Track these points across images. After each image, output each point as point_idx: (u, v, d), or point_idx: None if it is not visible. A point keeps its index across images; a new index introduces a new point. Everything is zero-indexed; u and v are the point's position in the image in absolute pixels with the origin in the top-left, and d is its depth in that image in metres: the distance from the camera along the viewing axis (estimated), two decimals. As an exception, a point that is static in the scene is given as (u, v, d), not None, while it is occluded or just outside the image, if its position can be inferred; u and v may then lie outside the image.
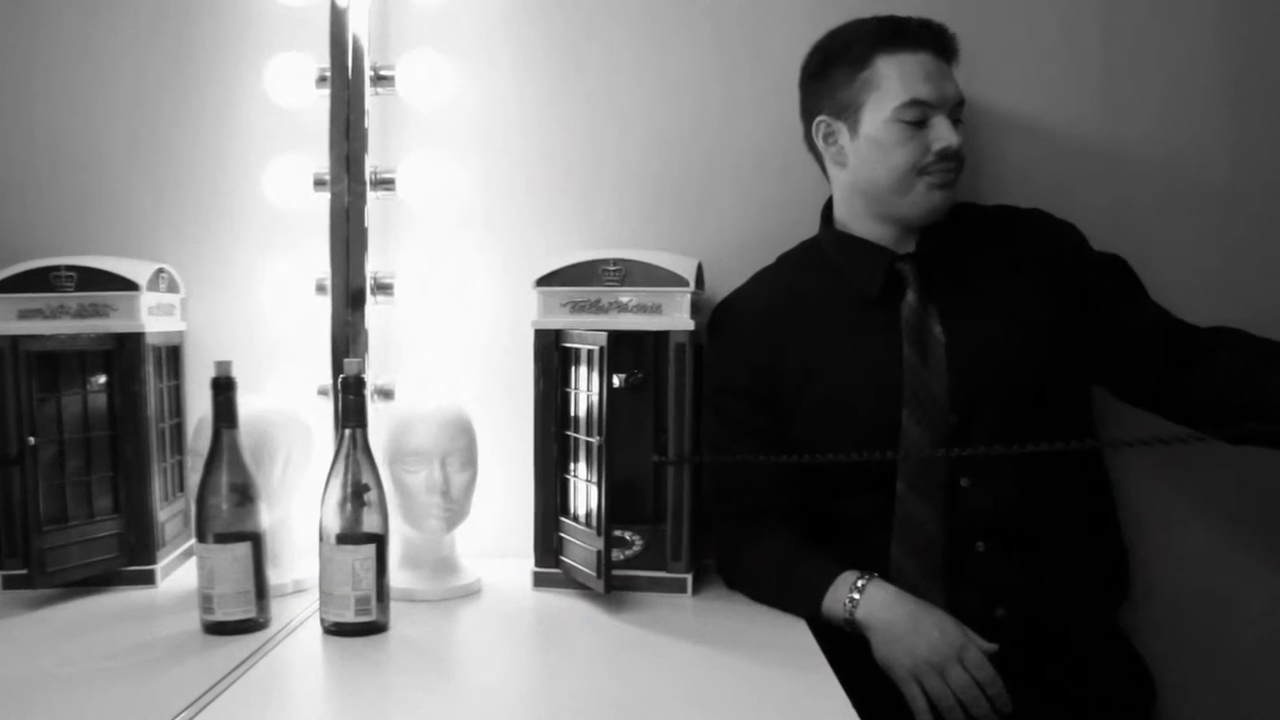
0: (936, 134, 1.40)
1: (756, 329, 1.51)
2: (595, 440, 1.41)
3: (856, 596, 1.33)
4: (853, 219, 1.50)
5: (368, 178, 1.61)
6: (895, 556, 1.40)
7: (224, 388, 1.32)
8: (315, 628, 1.35)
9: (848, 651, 1.28)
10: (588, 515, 1.44)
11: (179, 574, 1.54)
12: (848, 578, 1.35)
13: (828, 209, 1.55)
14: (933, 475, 1.39)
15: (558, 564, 1.50)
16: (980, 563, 1.38)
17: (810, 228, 1.57)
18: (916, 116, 1.40)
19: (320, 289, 1.61)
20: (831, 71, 1.45)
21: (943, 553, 1.39)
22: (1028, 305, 1.43)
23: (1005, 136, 1.63)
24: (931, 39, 1.42)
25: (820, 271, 1.52)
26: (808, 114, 1.50)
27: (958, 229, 1.48)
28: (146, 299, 1.50)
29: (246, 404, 1.36)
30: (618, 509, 1.42)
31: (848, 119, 1.45)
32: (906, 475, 1.40)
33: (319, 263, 1.61)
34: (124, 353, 1.49)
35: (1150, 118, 1.62)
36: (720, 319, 1.56)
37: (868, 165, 1.44)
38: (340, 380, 1.36)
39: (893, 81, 1.40)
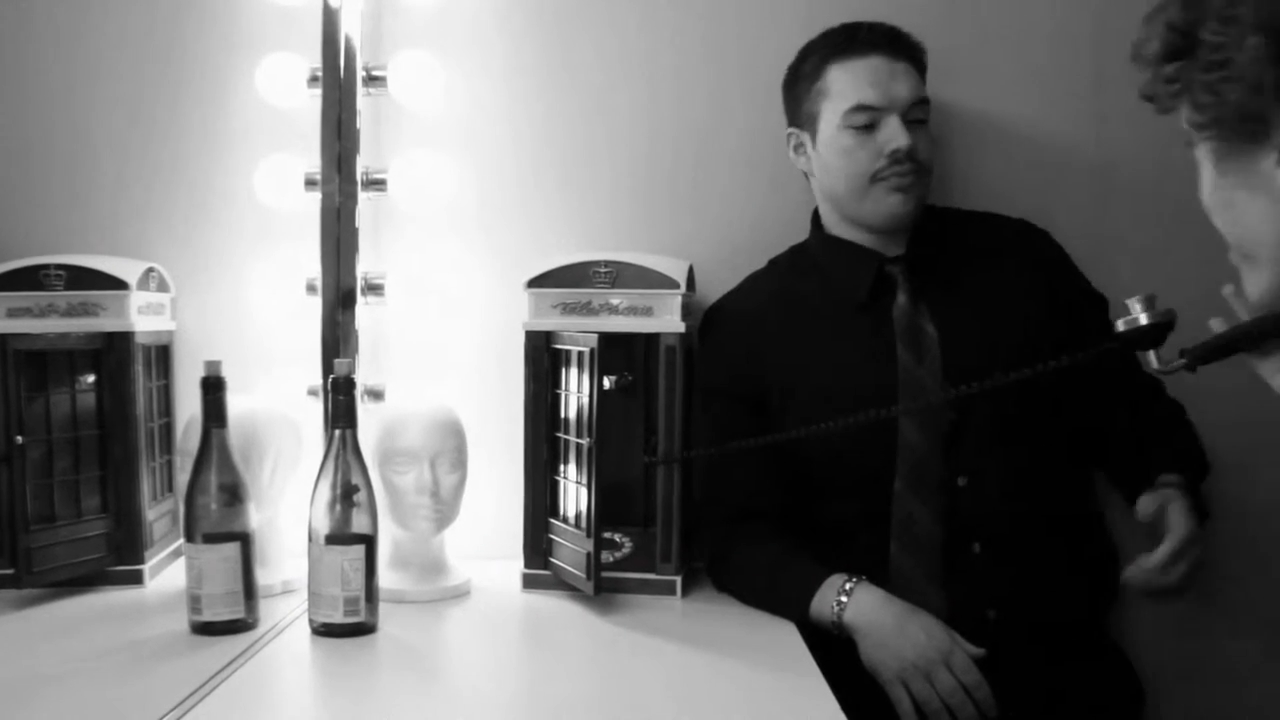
0: (887, 136, 1.41)
1: (746, 332, 1.51)
2: (585, 442, 1.41)
3: (844, 600, 1.33)
4: (834, 225, 1.52)
5: (359, 178, 1.61)
6: (894, 556, 1.40)
7: (213, 387, 1.32)
8: (304, 628, 1.34)
9: (837, 654, 1.29)
10: (577, 517, 1.44)
11: (167, 574, 1.54)
12: (835, 581, 1.36)
13: (817, 214, 1.56)
14: (930, 474, 1.39)
15: (547, 565, 1.50)
16: (975, 564, 1.39)
17: (802, 231, 1.58)
18: (864, 121, 1.42)
19: (311, 289, 1.61)
20: (796, 85, 1.49)
21: (941, 552, 1.39)
22: (1019, 303, 1.44)
23: (993, 146, 1.64)
24: (882, 42, 1.43)
25: (810, 275, 1.53)
26: (787, 127, 1.53)
27: (946, 232, 1.49)
28: (136, 298, 1.50)
29: (236, 404, 1.35)
30: (607, 511, 1.42)
31: (810, 129, 1.48)
32: (905, 474, 1.40)
33: (309, 263, 1.61)
34: (113, 352, 1.48)
35: (1139, 128, 1.63)
36: (710, 322, 1.56)
37: (829, 173, 1.47)
38: (330, 380, 1.36)
39: (841, 88, 1.43)
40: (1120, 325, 1.06)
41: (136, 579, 1.49)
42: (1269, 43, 0.65)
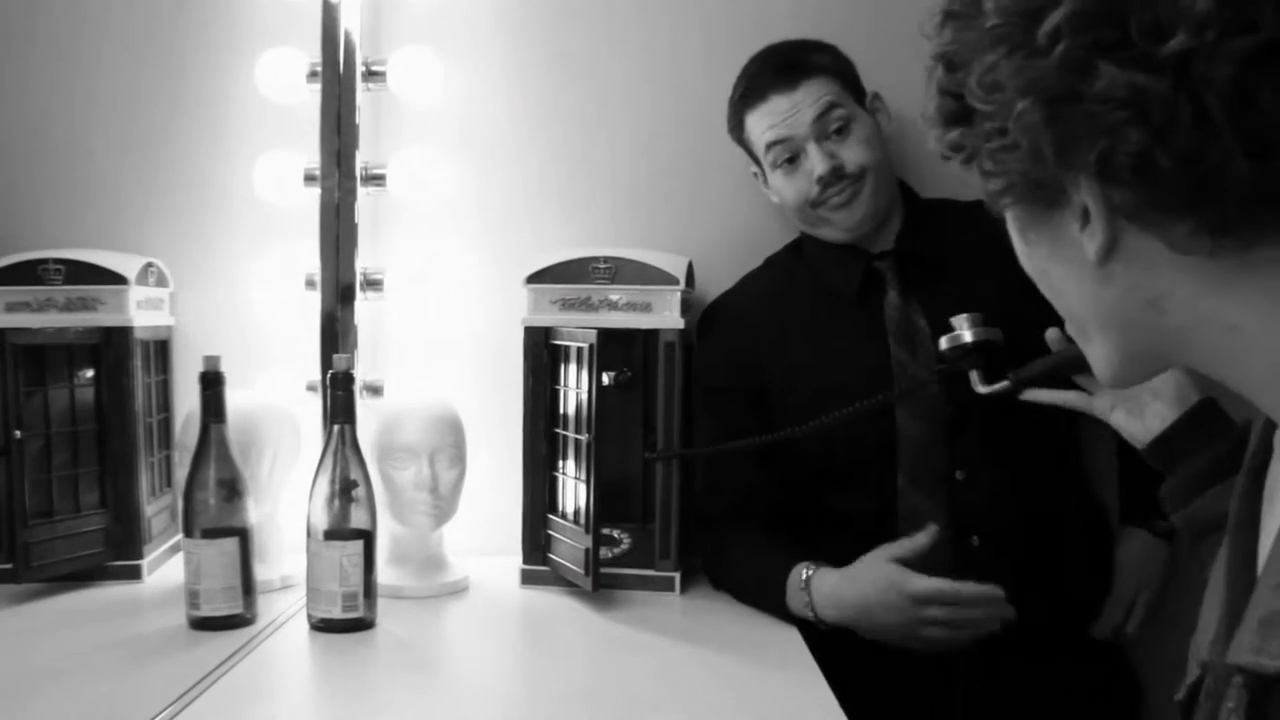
0: (809, 165, 1.44)
1: (744, 330, 1.51)
2: (584, 438, 1.41)
3: (810, 600, 1.33)
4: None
5: (358, 173, 1.61)
6: None
7: (212, 382, 1.32)
8: (302, 624, 1.34)
9: (837, 652, 1.28)
10: (576, 513, 1.44)
11: (165, 569, 1.53)
12: (795, 578, 1.35)
13: None
14: (932, 467, 1.39)
15: (545, 561, 1.50)
16: (975, 557, 1.39)
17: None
18: (785, 156, 1.45)
19: (310, 284, 1.61)
20: (735, 135, 1.54)
21: (949, 546, 1.38)
22: (1010, 295, 1.42)
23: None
24: (774, 80, 1.46)
25: (804, 273, 1.53)
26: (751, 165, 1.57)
27: (934, 224, 1.49)
28: (135, 293, 1.50)
29: (235, 399, 1.35)
30: (606, 507, 1.42)
31: (760, 168, 1.52)
32: (907, 469, 1.40)
33: (309, 258, 1.60)
34: (112, 347, 1.48)
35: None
36: (708, 321, 1.56)
37: (784, 205, 1.52)
38: (329, 376, 1.36)
39: (755, 135, 1.48)
40: (944, 343, 1.03)
41: (135, 574, 1.48)
42: (1038, 106, 0.59)
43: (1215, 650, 0.68)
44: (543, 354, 1.49)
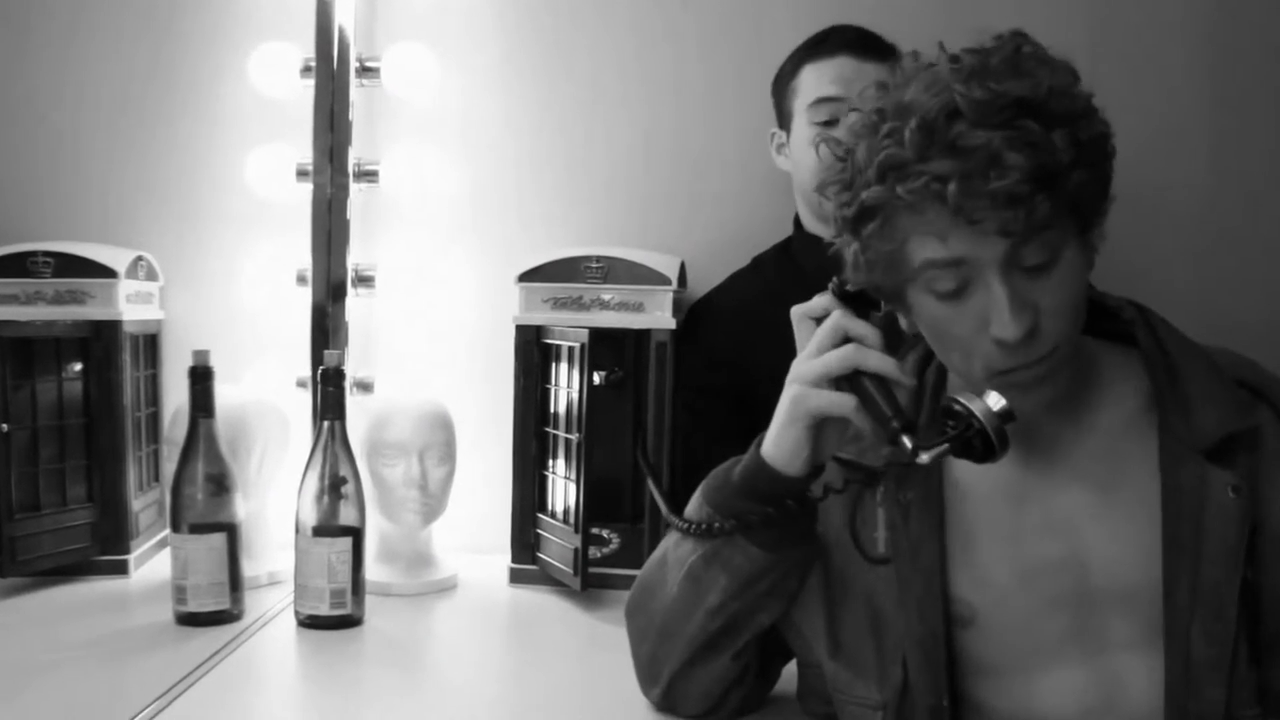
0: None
1: (731, 329, 1.51)
2: (574, 437, 1.40)
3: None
4: (811, 224, 1.52)
5: (351, 169, 1.61)
6: None
7: (201, 377, 1.31)
8: (289, 620, 1.34)
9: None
10: (565, 512, 1.44)
11: (152, 564, 1.53)
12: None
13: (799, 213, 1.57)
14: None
15: (534, 560, 1.50)
16: None
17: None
18: (826, 115, 1.44)
19: (301, 280, 1.60)
20: (777, 85, 1.53)
21: None
22: None
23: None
24: (852, 42, 1.46)
25: (793, 274, 1.53)
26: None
27: None
28: (125, 286, 1.49)
29: (224, 394, 1.35)
30: (595, 507, 1.42)
31: (786, 128, 1.51)
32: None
33: (300, 253, 1.60)
34: (101, 340, 1.48)
35: (1132, 131, 1.63)
36: (694, 320, 1.56)
37: (800, 170, 1.50)
38: (319, 372, 1.36)
39: (808, 86, 1.46)
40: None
41: (121, 569, 1.48)
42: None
43: None
44: (534, 352, 1.49)
